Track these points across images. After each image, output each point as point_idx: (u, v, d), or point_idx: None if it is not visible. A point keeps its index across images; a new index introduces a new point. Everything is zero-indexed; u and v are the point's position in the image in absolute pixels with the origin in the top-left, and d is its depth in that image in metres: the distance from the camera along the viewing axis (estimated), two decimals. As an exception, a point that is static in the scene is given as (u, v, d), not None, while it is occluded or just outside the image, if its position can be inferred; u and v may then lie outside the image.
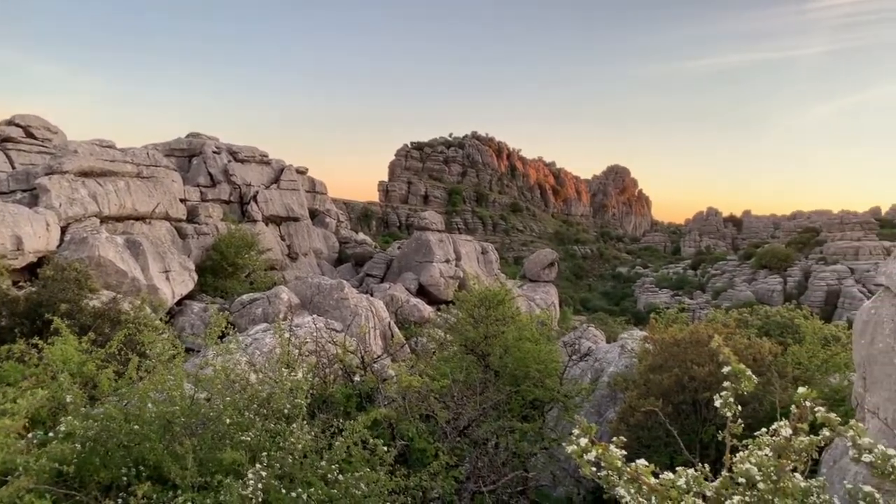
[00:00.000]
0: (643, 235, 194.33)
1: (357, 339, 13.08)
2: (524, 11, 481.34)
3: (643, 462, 2.69)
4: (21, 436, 5.45)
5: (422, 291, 38.86)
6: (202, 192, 40.05)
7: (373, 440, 6.47)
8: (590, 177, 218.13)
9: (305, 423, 6.41)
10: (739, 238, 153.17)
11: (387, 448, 6.61)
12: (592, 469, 3.06)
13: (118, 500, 5.31)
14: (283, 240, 43.90)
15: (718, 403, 3.11)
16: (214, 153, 43.22)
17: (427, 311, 31.60)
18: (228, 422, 6.36)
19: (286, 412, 6.65)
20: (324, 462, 6.19)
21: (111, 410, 5.90)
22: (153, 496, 5.40)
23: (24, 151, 36.74)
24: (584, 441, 2.74)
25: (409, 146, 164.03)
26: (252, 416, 6.46)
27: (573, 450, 2.76)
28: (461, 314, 16.43)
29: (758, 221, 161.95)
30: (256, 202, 42.76)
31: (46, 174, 26.85)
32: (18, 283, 20.06)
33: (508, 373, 14.07)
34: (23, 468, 4.97)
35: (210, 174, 41.82)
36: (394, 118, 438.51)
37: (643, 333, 17.46)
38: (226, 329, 7.92)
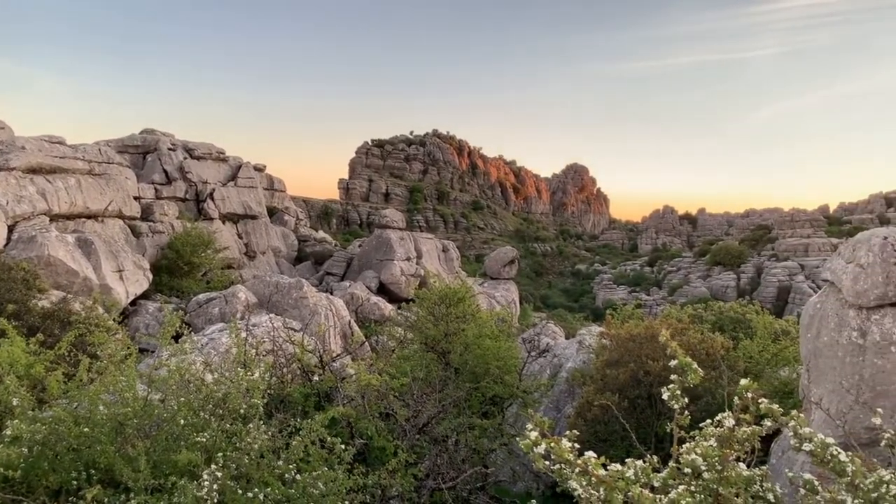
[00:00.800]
0: (602, 233, 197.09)
1: (316, 339, 13.00)
2: (482, 12, 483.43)
3: (592, 454, 2.75)
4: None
5: (383, 290, 38.75)
6: (157, 190, 39.22)
7: (330, 439, 6.46)
8: (549, 175, 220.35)
9: (262, 423, 6.37)
10: (695, 235, 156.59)
11: (345, 447, 6.60)
12: (546, 463, 3.12)
13: (67, 505, 5.20)
14: (241, 238, 43.29)
15: (666, 396, 3.20)
16: (170, 150, 42.36)
17: (388, 310, 31.53)
18: (183, 422, 6.27)
19: (242, 412, 6.58)
20: (281, 462, 6.16)
21: (60, 413, 5.76)
22: (104, 500, 5.30)
23: (-32, 147, 35.47)
24: (535, 434, 2.79)
25: (370, 143, 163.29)
26: (207, 417, 6.38)
27: (524, 444, 2.81)
28: (421, 312, 16.44)
29: (712, 219, 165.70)
30: (213, 200, 42.06)
31: (-8, 171, 25.97)
32: (-37, 284, 19.36)
33: (468, 370, 14.14)
34: (-34, 474, 4.83)
35: (165, 171, 40.98)
36: (354, 115, 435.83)
37: (600, 329, 17.73)
38: (180, 329, 7.80)
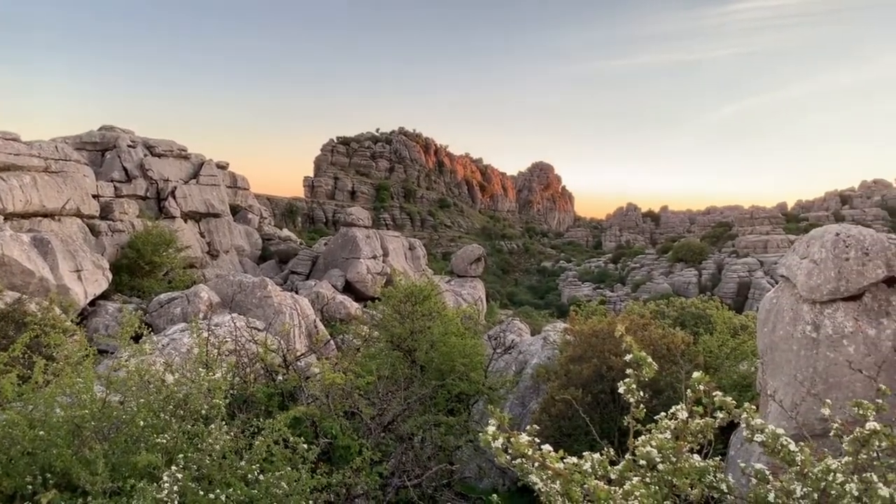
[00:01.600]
0: (567, 231, 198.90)
1: (280, 338, 12.89)
2: (448, 11, 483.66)
3: (549, 448, 2.79)
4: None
5: (349, 288, 38.56)
6: (116, 188, 38.40)
7: (293, 438, 6.43)
8: (515, 173, 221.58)
9: (224, 424, 6.31)
10: (657, 233, 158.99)
11: (309, 446, 6.57)
12: (507, 457, 3.15)
13: (23, 509, 5.09)
14: (203, 237, 42.64)
15: (622, 390, 3.26)
16: (129, 147, 41.50)
17: (354, 308, 31.40)
18: (143, 424, 6.18)
19: (204, 413, 6.51)
20: (244, 462, 6.11)
21: (14, 416, 5.62)
22: (61, 504, 5.20)
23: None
24: (492, 429, 2.83)
25: (336, 141, 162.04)
26: (168, 418, 6.30)
27: (483, 438, 2.84)
28: (387, 310, 16.43)
29: (674, 217, 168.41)
30: (175, 198, 41.35)
31: (-58, 168, 25.15)
32: (-89, 285, 18.72)
33: (434, 367, 14.18)
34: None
35: (125, 169, 40.14)
36: (319, 112, 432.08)
37: (565, 326, 17.92)
38: (139, 329, 7.68)
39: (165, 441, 5.98)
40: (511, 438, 2.87)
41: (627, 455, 3.00)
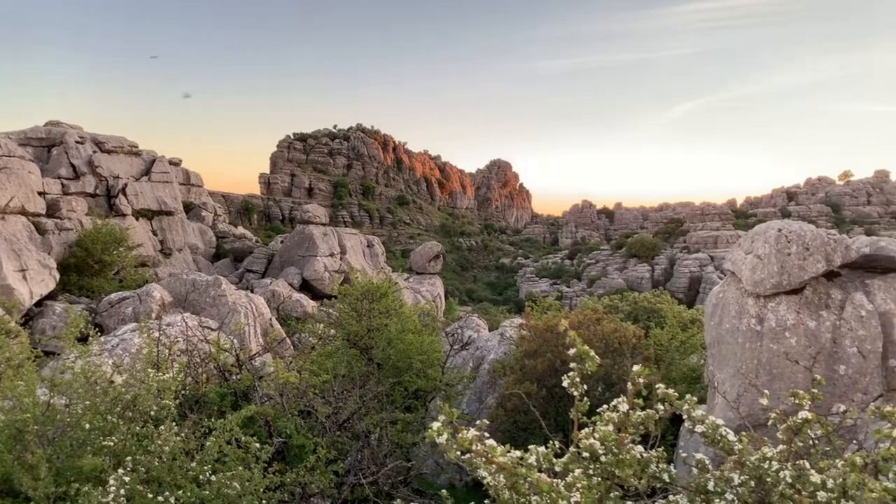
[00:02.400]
0: (524, 227, 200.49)
1: (234, 337, 12.70)
2: (404, 9, 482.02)
3: (492, 442, 2.83)
4: None
5: (306, 286, 38.19)
6: (64, 185, 37.23)
7: (245, 438, 6.36)
8: (474, 171, 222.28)
9: (175, 425, 6.21)
10: (612, 229, 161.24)
11: (263, 445, 6.52)
12: (457, 453, 3.18)
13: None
14: (156, 235, 41.70)
15: (566, 384, 3.32)
16: (77, 143, 40.28)
17: (311, 307, 31.12)
18: (88, 427, 6.04)
19: (153, 414, 6.40)
20: (194, 463, 6.02)
21: (-49, 422, 5.44)
22: (1, 511, 5.05)
23: None
24: (437, 424, 2.85)
25: (292, 137, 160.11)
26: (115, 420, 6.17)
27: (429, 434, 2.87)
28: (344, 308, 16.34)
29: (628, 213, 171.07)
30: (125, 195, 40.32)
31: None
32: None
33: (391, 365, 14.17)
34: None
35: (73, 165, 38.95)
36: (275, 108, 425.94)
37: (520, 321, 18.09)
38: (86, 329, 7.49)
39: (113, 444, 5.87)
40: (457, 434, 2.91)
41: (572, 448, 3.06)
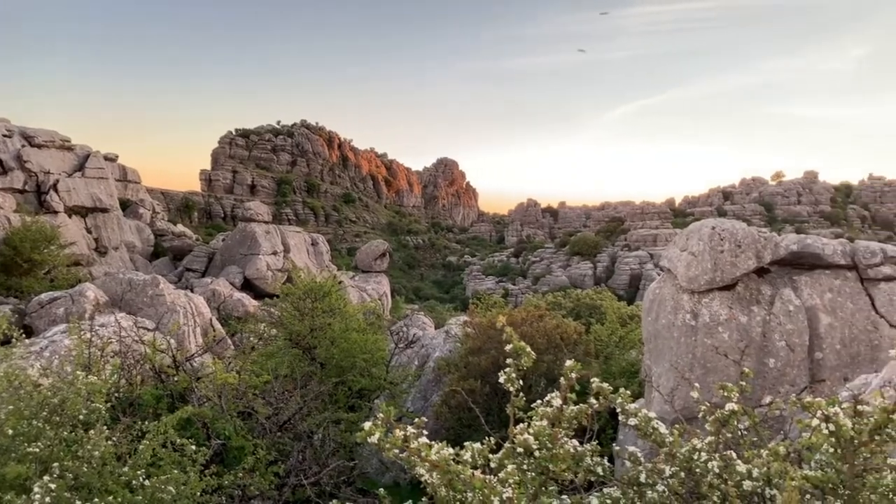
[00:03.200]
0: (471, 226, 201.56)
1: (171, 338, 12.36)
2: (349, 5, 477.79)
3: (425, 440, 2.82)
4: None
5: (248, 285, 37.45)
6: (-11, 181, 35.56)
7: (181, 440, 6.19)
8: (421, 169, 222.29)
9: (106, 428, 5.99)
10: (556, 227, 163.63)
11: (200, 448, 6.36)
12: (395, 452, 3.16)
13: None
14: (90, 233, 40.22)
15: (502, 380, 3.34)
16: (5, 137, 38.47)
17: (252, 306, 30.55)
18: (12, 433, 5.77)
19: (82, 418, 6.16)
20: (127, 468, 5.83)
21: None
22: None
23: None
24: (368, 425, 2.83)
25: (234, 133, 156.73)
26: (41, 425, 5.91)
27: (359, 435, 2.84)
28: (287, 307, 16.09)
29: (572, 212, 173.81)
30: (57, 192, 38.72)
31: None
32: None
33: (335, 364, 14.03)
34: None
35: (-1, 160, 37.23)
36: (217, 104, 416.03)
37: (465, 318, 18.17)
38: (9, 330, 7.15)
39: (38, 450, 5.62)
40: (393, 433, 2.89)
41: (507, 443, 3.08)
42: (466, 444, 3.08)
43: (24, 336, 7.41)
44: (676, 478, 3.36)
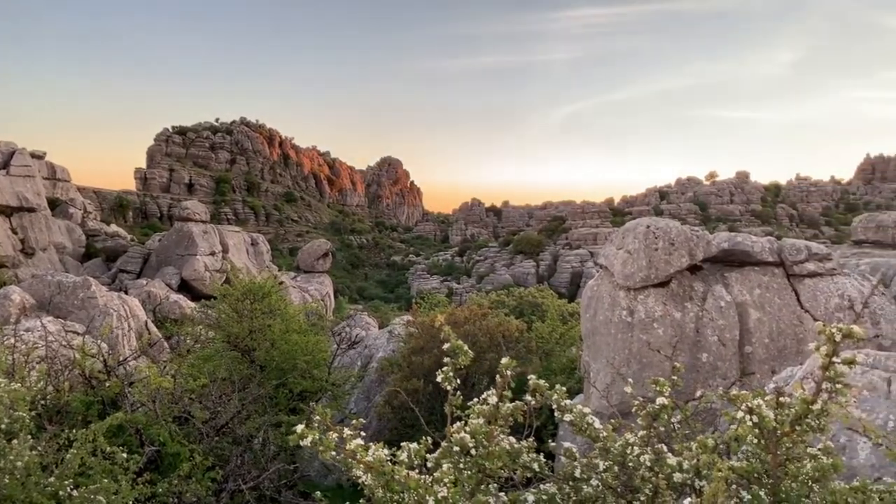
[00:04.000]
0: (415, 225, 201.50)
1: (103, 342, 11.92)
2: (290, 2, 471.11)
3: (359, 442, 2.80)
4: None
5: (185, 287, 36.49)
6: None
7: (111, 448, 5.97)
8: (364, 168, 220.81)
9: (31, 438, 5.74)
10: (500, 227, 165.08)
11: (132, 455, 6.15)
12: (332, 454, 3.12)
13: None
14: (16, 233, 38.43)
15: (439, 379, 3.34)
16: (-80, 132, 36.46)
17: (190, 308, 29.77)
18: (-74, 445, 5.46)
19: (4, 427, 5.88)
20: (53, 478, 5.59)
21: None
22: None
23: None
24: (301, 427, 2.79)
25: (171, 130, 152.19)
26: (-43, 437, 5.62)
27: (291, 438, 2.80)
28: (225, 309, 15.72)
29: (515, 211, 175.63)
30: (-21, 190, 36.90)
31: None
32: None
33: (275, 366, 13.79)
34: None
35: (-85, 157, 35.22)
36: (151, 100, 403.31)
37: (408, 318, 18.15)
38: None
39: (-46, 463, 5.33)
40: (328, 434, 2.85)
41: (444, 442, 3.08)
42: (403, 444, 3.07)
43: (-60, 342, 7.03)
44: (610, 472, 3.43)
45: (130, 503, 5.82)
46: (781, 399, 3.14)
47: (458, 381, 3.32)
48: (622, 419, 4.28)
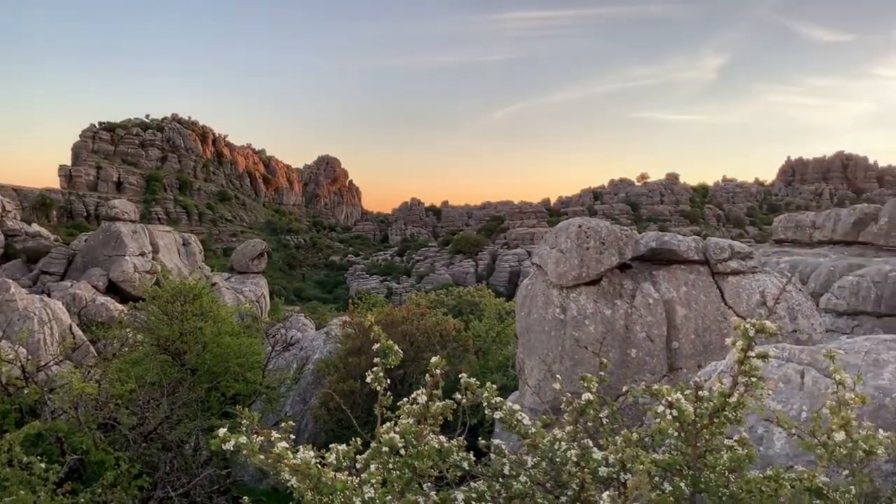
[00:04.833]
0: (354, 224, 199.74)
1: (24, 347, 11.39)
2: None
3: (284, 445, 2.76)
4: None
5: (113, 289, 35.13)
6: None
7: (27, 458, 5.72)
8: (301, 166, 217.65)
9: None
10: (439, 226, 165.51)
11: (48, 465, 5.89)
12: (261, 457, 3.06)
13: None
14: (-74, 233, 36.26)
15: (369, 379, 3.32)
16: None
17: (118, 310, 28.71)
18: None
19: None
20: (-37, 493, 5.32)
21: None
22: None
23: None
24: (223, 431, 2.73)
25: (98, 126, 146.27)
26: None
27: (213, 442, 2.74)
28: (154, 311, 15.23)
29: (454, 211, 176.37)
30: None
31: None
32: None
33: (207, 370, 13.45)
34: None
35: None
36: (77, 95, 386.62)
37: (345, 318, 18.01)
38: None
39: None
40: (256, 438, 2.80)
41: (373, 443, 3.07)
42: (332, 446, 3.04)
43: None
44: (539, 468, 3.48)
45: (50, 515, 5.59)
46: (700, 393, 3.26)
47: (389, 382, 3.32)
48: (554, 415, 4.36)
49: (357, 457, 3.12)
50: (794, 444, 4.59)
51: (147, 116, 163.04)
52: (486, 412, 3.71)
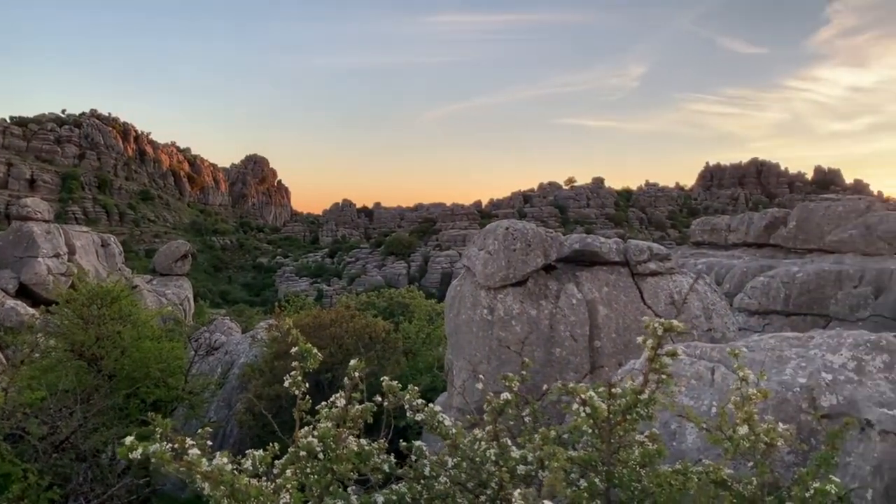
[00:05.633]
0: (284, 225, 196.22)
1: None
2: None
3: (196, 452, 2.70)
4: None
5: (24, 292, 33.32)
6: None
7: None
8: (228, 165, 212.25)
9: None
10: (371, 228, 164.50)
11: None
12: (175, 465, 2.97)
13: None
14: None
15: (287, 384, 3.29)
16: None
17: (29, 314, 27.27)
18: None
19: None
20: None
21: None
22: None
23: None
24: (130, 439, 2.65)
25: (9, 121, 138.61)
26: None
27: (120, 451, 2.65)
28: (69, 315, 14.56)
29: (386, 212, 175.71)
30: None
31: None
32: None
33: (126, 375, 12.97)
34: None
35: None
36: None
37: (271, 321, 17.69)
38: None
39: None
40: (173, 446, 2.72)
41: (291, 448, 3.04)
42: (248, 452, 2.99)
43: None
44: (459, 468, 3.52)
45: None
46: (614, 390, 3.37)
47: (316, 385, 3.28)
48: (479, 416, 4.41)
49: (275, 462, 3.08)
50: (705, 439, 4.80)
51: (63, 111, 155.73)
52: (408, 414, 3.72)
